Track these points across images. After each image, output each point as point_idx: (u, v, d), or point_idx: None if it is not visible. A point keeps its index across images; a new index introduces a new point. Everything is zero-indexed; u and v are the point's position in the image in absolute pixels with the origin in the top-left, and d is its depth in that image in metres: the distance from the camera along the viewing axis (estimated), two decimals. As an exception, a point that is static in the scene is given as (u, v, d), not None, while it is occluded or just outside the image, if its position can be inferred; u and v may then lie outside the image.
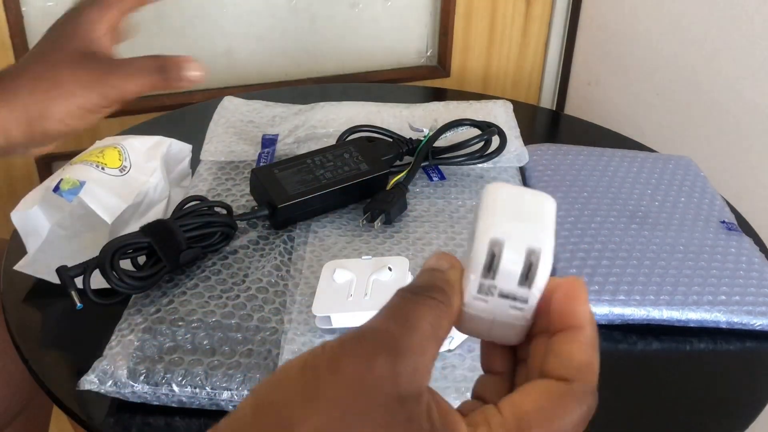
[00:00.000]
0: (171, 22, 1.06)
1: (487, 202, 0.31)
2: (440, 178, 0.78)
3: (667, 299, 0.64)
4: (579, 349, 0.30)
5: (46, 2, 0.99)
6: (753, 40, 0.91)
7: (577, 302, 0.30)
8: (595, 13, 1.18)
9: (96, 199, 0.65)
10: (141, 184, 0.68)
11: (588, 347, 0.30)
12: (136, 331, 0.58)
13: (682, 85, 1.04)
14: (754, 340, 0.65)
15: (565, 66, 1.25)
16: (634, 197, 0.77)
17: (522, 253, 0.30)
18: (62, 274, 0.59)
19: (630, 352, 0.64)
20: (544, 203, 0.32)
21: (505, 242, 0.30)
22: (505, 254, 0.30)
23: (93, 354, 0.56)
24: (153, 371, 0.55)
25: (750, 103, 0.93)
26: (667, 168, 0.83)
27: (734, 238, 0.72)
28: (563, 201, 0.76)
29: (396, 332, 0.27)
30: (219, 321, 0.59)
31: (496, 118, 0.86)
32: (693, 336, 0.65)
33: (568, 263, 0.67)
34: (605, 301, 0.64)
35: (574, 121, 1.04)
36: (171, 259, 0.62)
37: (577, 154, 0.84)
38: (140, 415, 0.55)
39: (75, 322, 0.63)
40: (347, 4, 1.14)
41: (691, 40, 1.01)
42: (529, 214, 0.31)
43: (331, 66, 1.17)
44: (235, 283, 0.64)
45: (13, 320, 0.63)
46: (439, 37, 1.19)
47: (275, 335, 0.59)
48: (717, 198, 0.79)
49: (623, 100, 1.16)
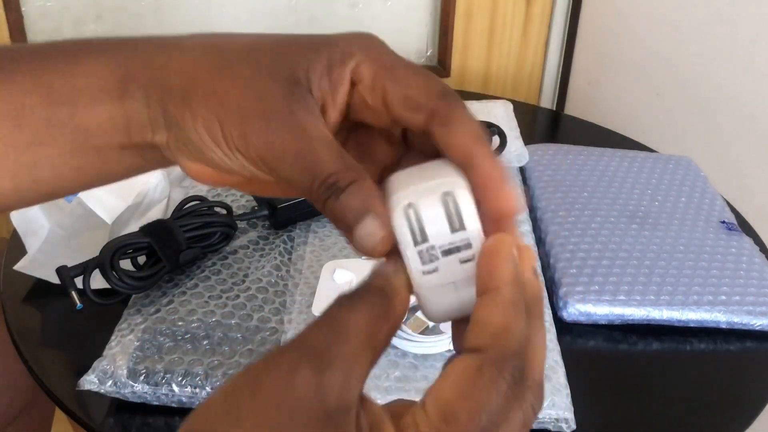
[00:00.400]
0: (171, 21, 1.06)
1: (390, 188, 0.30)
2: (440, 178, 0.78)
3: (667, 299, 0.64)
4: (493, 313, 0.27)
5: (46, 2, 0.99)
6: (754, 40, 0.91)
7: (496, 260, 0.28)
8: (596, 13, 1.18)
9: (96, 199, 0.65)
10: (141, 184, 0.68)
11: (504, 309, 0.27)
12: (136, 331, 0.58)
13: (682, 85, 1.04)
14: (755, 340, 0.65)
15: (566, 66, 1.25)
16: (635, 197, 0.77)
17: (438, 202, 0.29)
18: (62, 274, 0.59)
19: (630, 352, 0.64)
20: (442, 164, 0.31)
21: (417, 202, 0.29)
22: (423, 212, 0.29)
23: (93, 354, 0.56)
24: (153, 371, 0.55)
25: (750, 103, 0.93)
26: (667, 168, 0.83)
27: (734, 238, 0.72)
28: (563, 201, 0.76)
29: (322, 343, 0.26)
30: (219, 321, 0.59)
31: (497, 118, 0.86)
32: (693, 336, 0.65)
33: (569, 263, 0.67)
34: (605, 301, 0.64)
35: (574, 121, 1.04)
36: (171, 259, 0.62)
37: (577, 154, 0.84)
38: (140, 415, 0.55)
39: (75, 322, 0.63)
40: (347, 4, 1.14)
41: (692, 40, 1.01)
42: (430, 174, 0.30)
43: (331, 66, 1.16)
44: (235, 283, 0.64)
45: (12, 320, 0.63)
46: (439, 37, 1.19)
47: (275, 335, 0.59)
48: (717, 198, 0.79)
49: (623, 100, 1.16)
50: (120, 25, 1.04)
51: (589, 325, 0.65)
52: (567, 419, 0.54)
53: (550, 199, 0.76)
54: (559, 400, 0.54)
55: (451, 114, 0.30)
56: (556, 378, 0.56)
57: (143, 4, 1.04)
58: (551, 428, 0.54)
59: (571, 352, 0.60)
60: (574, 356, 0.60)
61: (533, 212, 0.76)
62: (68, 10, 1.01)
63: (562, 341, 0.60)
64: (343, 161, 0.29)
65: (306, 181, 0.29)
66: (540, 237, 0.72)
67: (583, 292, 0.64)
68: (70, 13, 1.01)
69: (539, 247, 0.71)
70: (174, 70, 0.31)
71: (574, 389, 0.56)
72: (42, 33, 1.01)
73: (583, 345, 0.64)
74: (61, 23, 1.02)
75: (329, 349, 0.26)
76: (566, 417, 0.54)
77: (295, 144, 0.29)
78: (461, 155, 0.29)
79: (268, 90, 0.30)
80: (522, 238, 0.32)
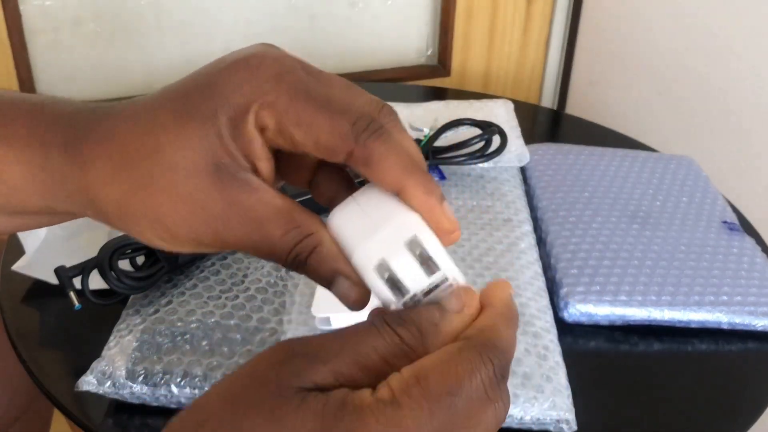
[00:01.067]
0: (170, 21, 1.06)
1: (341, 237, 0.31)
2: (440, 178, 0.78)
3: (668, 300, 0.64)
4: (483, 316, 0.29)
5: (44, 1, 0.99)
6: (755, 39, 0.91)
7: (494, 288, 0.31)
8: (597, 12, 1.18)
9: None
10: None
11: (494, 315, 0.29)
12: (135, 331, 0.58)
13: (684, 85, 1.03)
14: (756, 340, 0.64)
15: (566, 65, 1.25)
16: (636, 197, 0.77)
17: (406, 253, 0.29)
18: (60, 275, 0.59)
19: (631, 352, 0.63)
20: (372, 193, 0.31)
21: (387, 260, 0.29)
22: (396, 269, 0.29)
23: (91, 355, 0.56)
24: (152, 372, 0.54)
25: (752, 102, 0.93)
26: (668, 168, 0.83)
27: (736, 238, 0.72)
28: (564, 201, 0.76)
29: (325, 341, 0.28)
30: (218, 321, 0.59)
31: (497, 117, 0.86)
32: (694, 337, 0.64)
33: (570, 264, 0.67)
34: (606, 301, 0.64)
35: (575, 120, 1.04)
36: (170, 259, 0.62)
37: (578, 154, 0.84)
38: (139, 416, 0.55)
39: (73, 322, 0.63)
40: (347, 3, 1.14)
41: (693, 39, 1.00)
42: (379, 215, 0.30)
43: (330, 65, 1.16)
44: (234, 283, 0.63)
45: (11, 321, 0.63)
46: (440, 36, 1.19)
47: (274, 336, 0.58)
48: (719, 198, 0.79)
49: (624, 100, 1.15)
50: (120, 24, 1.04)
51: (590, 326, 0.64)
52: (568, 420, 0.53)
53: (551, 199, 0.76)
54: (560, 400, 0.54)
55: (368, 154, 0.30)
56: (557, 379, 0.55)
57: (143, 3, 1.04)
58: (552, 429, 0.54)
59: (572, 353, 0.60)
60: (575, 357, 0.59)
61: (534, 212, 0.76)
62: (67, 10, 1.01)
63: (563, 342, 0.60)
64: (296, 229, 0.30)
65: (270, 258, 0.31)
66: (541, 237, 0.72)
67: (584, 292, 0.64)
68: (69, 12, 1.01)
69: (540, 248, 0.71)
70: (100, 198, 0.31)
71: (576, 390, 0.56)
72: (41, 33, 1.01)
73: (584, 345, 0.63)
74: (60, 23, 1.01)
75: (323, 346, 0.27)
76: (567, 418, 0.53)
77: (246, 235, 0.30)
78: (391, 189, 0.30)
79: (198, 190, 0.30)
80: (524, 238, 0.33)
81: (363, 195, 0.31)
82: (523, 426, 0.54)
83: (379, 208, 0.30)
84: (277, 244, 0.30)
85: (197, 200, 0.30)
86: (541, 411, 0.53)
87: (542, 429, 0.54)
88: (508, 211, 0.73)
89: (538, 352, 0.57)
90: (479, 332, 0.29)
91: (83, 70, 1.05)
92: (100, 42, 1.04)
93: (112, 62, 1.06)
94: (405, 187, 0.30)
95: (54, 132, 0.32)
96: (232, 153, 0.30)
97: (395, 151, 0.30)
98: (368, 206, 0.30)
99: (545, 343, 0.58)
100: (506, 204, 0.74)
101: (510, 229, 0.71)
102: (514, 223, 0.72)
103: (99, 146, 0.31)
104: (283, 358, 0.27)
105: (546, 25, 1.23)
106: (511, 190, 0.77)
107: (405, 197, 0.30)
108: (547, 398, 0.54)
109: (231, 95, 0.30)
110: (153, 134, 0.30)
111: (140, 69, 1.08)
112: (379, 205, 0.30)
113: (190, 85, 0.31)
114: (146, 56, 1.07)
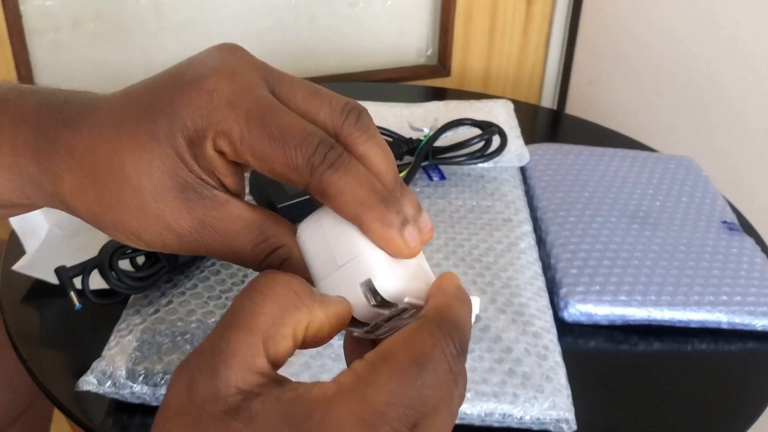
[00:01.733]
0: (170, 21, 1.06)
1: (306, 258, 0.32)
2: (440, 178, 0.78)
3: (668, 300, 0.64)
4: (436, 298, 0.30)
5: (44, 1, 0.99)
6: (755, 39, 0.91)
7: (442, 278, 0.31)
8: (597, 12, 1.18)
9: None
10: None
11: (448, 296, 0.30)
12: (135, 331, 0.58)
13: (684, 85, 1.04)
14: (756, 340, 0.64)
15: (566, 65, 1.25)
16: (636, 197, 0.77)
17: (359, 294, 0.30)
18: (61, 275, 0.59)
19: (631, 352, 0.63)
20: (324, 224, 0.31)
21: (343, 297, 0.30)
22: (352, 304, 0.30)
23: (92, 355, 0.56)
24: (152, 372, 0.54)
25: (752, 102, 0.93)
26: (668, 168, 0.83)
27: (736, 238, 0.72)
28: (564, 201, 0.76)
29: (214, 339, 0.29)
30: (218, 321, 0.59)
31: (497, 117, 0.86)
32: (694, 336, 0.64)
33: (569, 264, 0.67)
34: (606, 301, 0.64)
35: (575, 120, 1.04)
36: (170, 259, 0.62)
37: (578, 154, 0.84)
38: (139, 416, 0.55)
39: (74, 322, 0.63)
40: (347, 3, 1.14)
41: (693, 39, 1.00)
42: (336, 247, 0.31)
43: (330, 65, 1.16)
44: (234, 283, 0.63)
45: (11, 321, 0.63)
46: (440, 37, 1.19)
47: (275, 336, 0.58)
48: (719, 198, 0.79)
49: (624, 100, 1.15)
50: (120, 24, 1.04)
51: (590, 326, 0.64)
52: (568, 420, 0.54)
53: (551, 199, 0.76)
54: (559, 400, 0.54)
55: (324, 189, 0.30)
56: (557, 378, 0.55)
57: (143, 3, 1.04)
58: (552, 429, 0.54)
59: (572, 353, 0.60)
60: (575, 357, 0.60)
61: (533, 212, 0.76)
62: (67, 10, 1.01)
63: (562, 342, 0.60)
64: (265, 242, 0.31)
65: (246, 266, 0.32)
66: (541, 237, 0.72)
67: (584, 292, 0.64)
68: (69, 12, 1.01)
69: (540, 248, 0.71)
70: (74, 207, 0.32)
71: (575, 390, 0.56)
72: (41, 33, 1.01)
73: (584, 345, 0.63)
74: (60, 23, 1.01)
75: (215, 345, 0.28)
76: (567, 417, 0.53)
77: (219, 248, 0.31)
78: (349, 218, 0.30)
79: (166, 211, 0.31)
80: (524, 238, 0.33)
81: (328, 216, 0.31)
82: (523, 426, 0.54)
83: (339, 239, 0.31)
84: (248, 256, 0.31)
85: (166, 220, 0.31)
86: (540, 411, 0.53)
87: (542, 429, 0.54)
88: (508, 211, 0.73)
89: (538, 352, 0.57)
90: (435, 311, 0.29)
91: (83, 70, 1.05)
92: (100, 42, 1.04)
93: (112, 62, 1.06)
94: (362, 222, 0.30)
95: (21, 134, 0.32)
96: (196, 171, 0.31)
97: (351, 184, 0.30)
98: (331, 232, 0.31)
99: (545, 343, 0.58)
100: (506, 204, 0.75)
101: (510, 229, 0.71)
102: (514, 223, 0.72)
103: (66, 161, 0.31)
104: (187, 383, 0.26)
105: (546, 25, 1.23)
106: (511, 190, 0.77)
107: (362, 230, 0.30)
108: (546, 398, 0.54)
109: (188, 119, 0.30)
110: (118, 154, 0.30)
111: (140, 69, 1.08)
112: (340, 235, 0.31)
113: (151, 99, 0.31)
114: (146, 56, 1.07)
